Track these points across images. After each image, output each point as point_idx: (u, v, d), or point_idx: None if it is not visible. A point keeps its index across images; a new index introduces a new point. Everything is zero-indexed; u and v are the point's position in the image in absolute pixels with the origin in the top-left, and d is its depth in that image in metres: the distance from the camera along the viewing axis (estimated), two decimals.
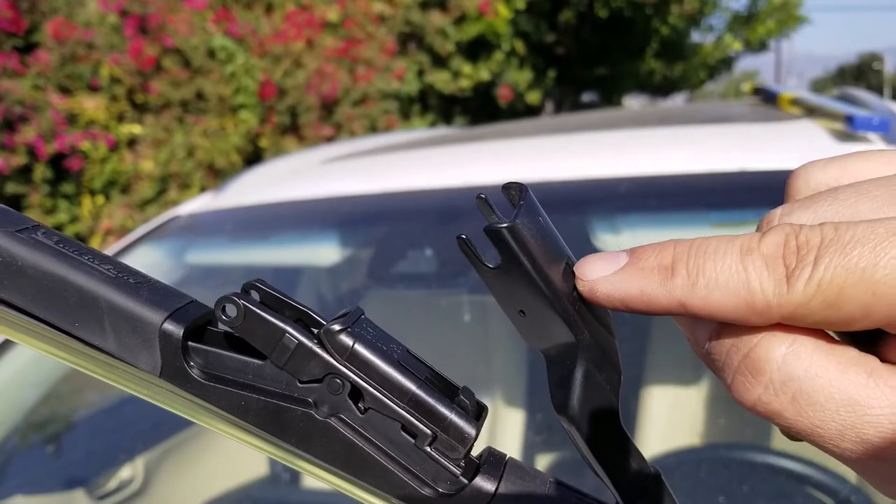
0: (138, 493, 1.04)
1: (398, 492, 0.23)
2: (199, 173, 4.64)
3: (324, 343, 0.22)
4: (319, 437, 0.23)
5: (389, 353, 0.23)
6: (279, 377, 0.23)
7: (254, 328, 0.23)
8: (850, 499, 0.76)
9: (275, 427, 0.23)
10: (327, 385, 0.22)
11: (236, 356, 0.23)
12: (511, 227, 0.23)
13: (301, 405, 0.23)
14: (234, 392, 0.23)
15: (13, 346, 1.11)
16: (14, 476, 1.04)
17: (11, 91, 4.17)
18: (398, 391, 0.22)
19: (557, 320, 0.24)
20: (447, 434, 0.23)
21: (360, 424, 0.23)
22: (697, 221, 1.01)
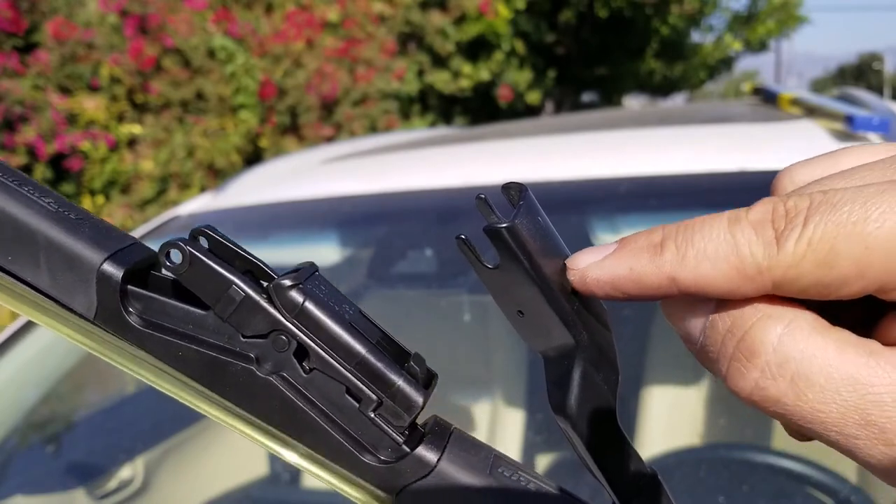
0: (138, 493, 1.04)
1: (337, 456, 0.22)
2: (199, 173, 4.64)
3: (272, 298, 0.21)
4: (259, 395, 0.22)
5: (341, 314, 0.22)
6: (222, 329, 0.22)
7: (198, 277, 0.21)
8: (850, 499, 0.76)
9: (213, 381, 0.22)
10: (272, 342, 0.22)
11: (178, 304, 0.22)
12: (510, 228, 0.23)
13: (242, 360, 0.22)
14: (173, 341, 0.22)
15: (13, 346, 1.11)
16: (14, 476, 1.04)
17: (11, 91, 4.17)
18: (346, 353, 0.22)
19: (555, 320, 0.25)
20: (393, 401, 0.22)
21: (303, 384, 0.22)
22: None
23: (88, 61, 4.47)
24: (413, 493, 0.21)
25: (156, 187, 4.63)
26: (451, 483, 0.22)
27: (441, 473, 0.22)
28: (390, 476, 0.22)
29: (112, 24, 4.54)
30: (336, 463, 0.22)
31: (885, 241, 0.18)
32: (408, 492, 0.22)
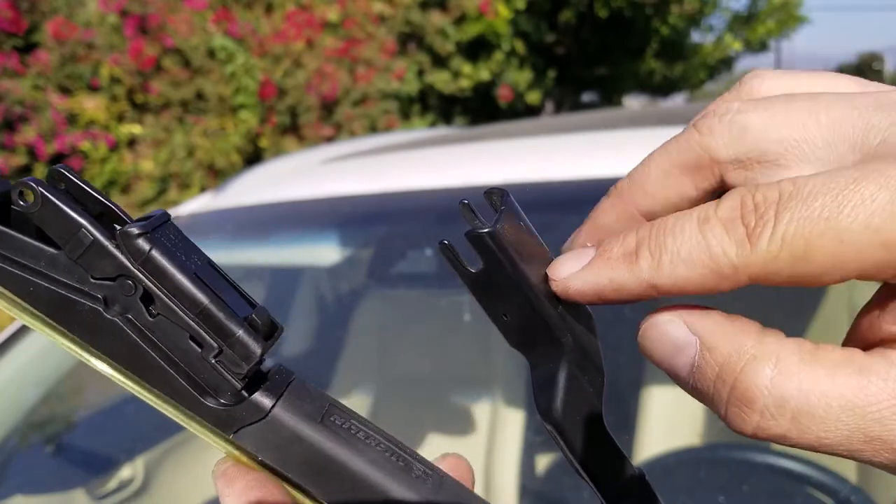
0: (138, 493, 1.04)
1: (179, 397, 0.23)
2: (199, 173, 4.65)
3: (120, 245, 0.22)
4: (106, 335, 0.23)
5: (187, 265, 0.23)
6: (72, 270, 0.22)
7: (50, 218, 0.22)
8: (850, 499, 0.76)
9: (63, 318, 0.23)
10: (119, 285, 0.22)
11: (31, 242, 0.23)
12: (491, 232, 0.24)
13: (90, 300, 0.22)
14: (25, 277, 0.23)
15: (13, 346, 1.11)
16: (14, 476, 1.04)
17: (11, 91, 4.17)
18: (189, 302, 0.22)
19: (540, 324, 0.25)
20: (232, 350, 0.23)
21: (149, 328, 0.23)
22: None
23: (88, 61, 4.47)
24: (247, 435, 0.23)
25: (156, 187, 4.63)
26: (281, 428, 0.23)
27: (274, 419, 0.23)
28: (228, 418, 0.23)
29: (112, 24, 4.54)
30: (178, 403, 0.23)
31: (860, 235, 0.18)
32: (243, 433, 0.23)
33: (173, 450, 1.13)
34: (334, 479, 0.23)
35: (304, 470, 0.23)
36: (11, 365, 1.10)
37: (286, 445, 0.23)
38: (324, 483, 0.23)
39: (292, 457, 0.23)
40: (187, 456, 1.14)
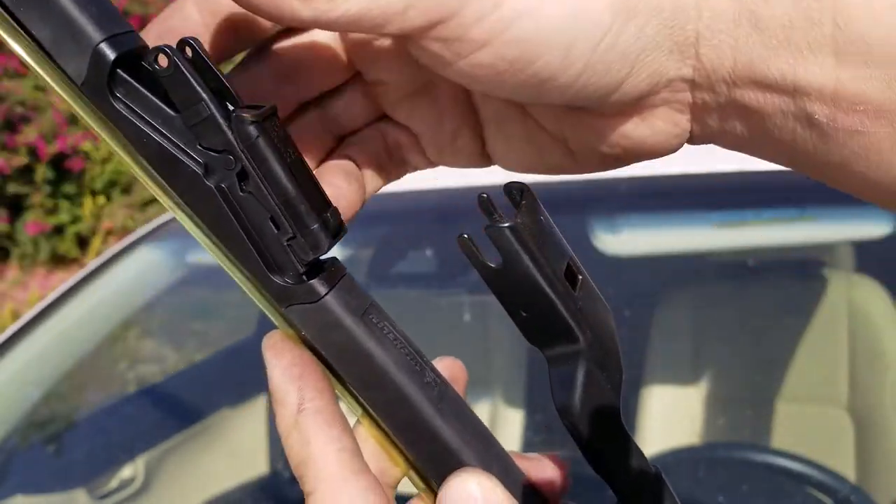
0: (139, 492, 1.04)
1: (249, 266, 0.26)
2: None
3: (232, 125, 0.24)
4: (200, 197, 0.25)
5: (284, 156, 0.25)
6: (184, 134, 0.25)
7: (176, 84, 0.24)
8: (849, 498, 0.76)
9: (165, 172, 0.25)
10: (222, 159, 0.24)
11: (154, 99, 0.25)
12: (513, 228, 0.24)
13: (193, 163, 0.25)
14: (141, 128, 0.25)
15: (13, 346, 1.11)
16: (14, 476, 1.04)
17: (13, 91, 4.18)
18: (278, 190, 0.24)
19: (559, 320, 0.25)
20: (304, 239, 0.25)
21: (238, 201, 0.25)
22: (697, 221, 1.01)
23: None
24: (297, 311, 0.26)
25: None
26: (327, 313, 0.25)
27: (323, 304, 0.25)
28: (285, 294, 0.26)
29: None
30: (247, 270, 0.26)
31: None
32: (294, 309, 0.26)
33: (173, 450, 1.13)
34: (360, 367, 0.26)
35: (336, 353, 0.26)
36: (11, 365, 1.10)
37: (328, 329, 0.25)
38: (351, 369, 0.26)
39: (330, 340, 0.26)
40: (187, 456, 1.14)
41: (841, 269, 1.02)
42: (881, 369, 0.88)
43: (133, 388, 1.32)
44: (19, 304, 4.14)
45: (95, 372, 1.28)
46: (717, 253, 1.08)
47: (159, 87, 0.25)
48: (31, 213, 4.50)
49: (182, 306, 1.38)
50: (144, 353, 1.37)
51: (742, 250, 1.04)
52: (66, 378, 1.18)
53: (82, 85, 0.25)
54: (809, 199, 0.95)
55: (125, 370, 1.31)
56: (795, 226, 0.97)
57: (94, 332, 1.22)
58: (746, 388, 1.00)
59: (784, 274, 1.07)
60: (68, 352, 1.18)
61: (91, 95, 0.25)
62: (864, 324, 0.91)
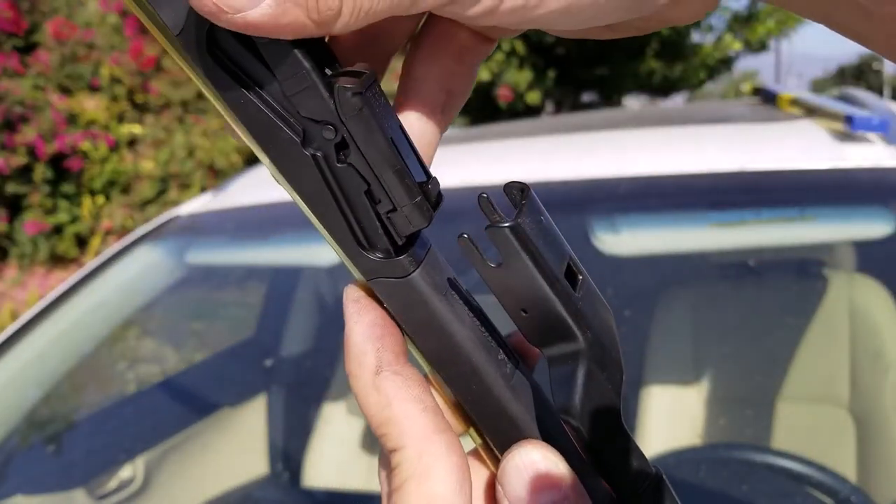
0: (138, 493, 1.04)
1: (339, 237, 0.25)
2: (199, 173, 4.64)
3: (334, 96, 0.23)
4: (297, 165, 0.24)
5: (386, 128, 0.24)
6: (284, 100, 0.24)
7: (278, 52, 0.23)
8: (849, 499, 0.76)
9: (264, 138, 0.24)
10: (321, 128, 0.24)
11: (255, 61, 0.24)
12: (514, 227, 0.24)
13: (292, 131, 0.24)
14: (239, 89, 0.24)
15: (13, 346, 1.11)
16: (14, 476, 1.04)
17: (12, 91, 4.17)
18: (379, 162, 0.24)
19: (560, 319, 0.25)
20: (405, 212, 0.25)
21: (335, 172, 0.24)
22: (697, 221, 1.01)
23: (89, 61, 4.48)
24: (383, 285, 0.25)
25: (156, 187, 4.63)
26: (412, 291, 0.25)
27: (409, 282, 0.25)
28: (373, 268, 0.25)
29: (112, 24, 4.54)
30: (337, 241, 0.25)
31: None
32: (380, 282, 0.25)
33: (173, 450, 1.13)
34: (438, 343, 0.26)
35: (417, 327, 0.26)
36: (11, 365, 1.10)
37: (411, 305, 0.26)
38: (429, 344, 0.26)
39: (413, 315, 0.26)
40: (187, 456, 1.14)
41: (841, 268, 1.02)
42: (882, 369, 0.88)
43: (132, 389, 1.32)
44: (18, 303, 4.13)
45: (95, 372, 1.28)
46: (717, 253, 1.08)
47: (253, 44, 0.23)
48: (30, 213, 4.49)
49: (182, 306, 1.38)
50: (144, 353, 1.37)
51: (742, 250, 1.04)
52: (65, 378, 1.18)
53: (178, 35, 0.23)
54: (809, 199, 0.95)
55: (125, 370, 1.31)
56: (795, 226, 0.97)
57: (94, 332, 1.22)
58: (747, 388, 1.00)
59: (784, 274, 1.07)
60: (67, 352, 1.18)
61: (187, 47, 0.24)
62: (864, 324, 0.91)
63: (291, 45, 0.23)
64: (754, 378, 1.00)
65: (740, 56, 11.06)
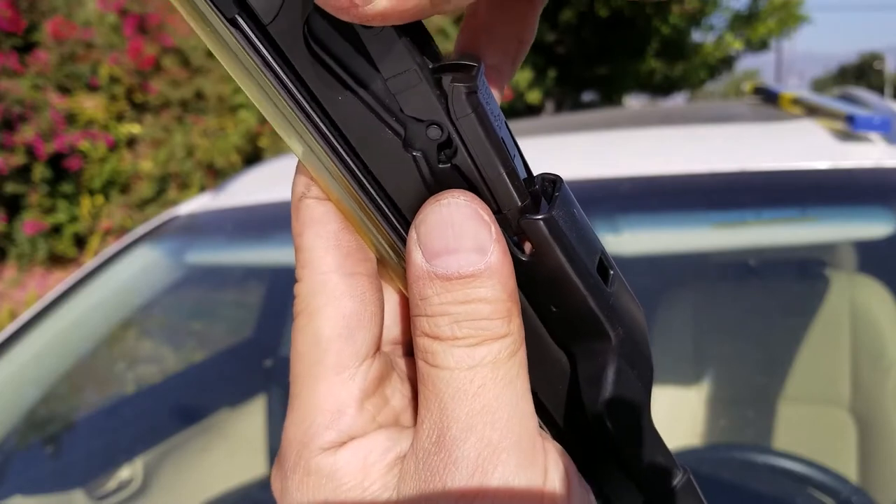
0: (138, 493, 1.04)
1: None
2: (198, 173, 4.64)
3: (446, 96, 0.21)
4: (394, 167, 0.22)
5: (495, 129, 0.22)
6: (386, 97, 0.22)
7: (385, 44, 0.21)
8: (850, 499, 0.76)
9: (358, 136, 0.22)
10: (426, 127, 0.22)
11: (357, 54, 0.21)
12: (548, 219, 0.23)
13: (393, 131, 0.22)
14: (337, 85, 0.21)
15: (13, 346, 1.11)
16: (14, 476, 1.04)
17: (10, 91, 4.17)
18: (487, 164, 0.22)
19: (593, 315, 0.24)
20: (507, 216, 0.23)
21: (434, 173, 0.22)
22: (697, 221, 1.01)
23: (87, 61, 4.47)
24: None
25: (155, 187, 4.63)
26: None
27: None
28: None
29: (111, 23, 4.54)
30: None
31: None
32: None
33: (173, 450, 1.13)
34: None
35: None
36: (10, 365, 1.10)
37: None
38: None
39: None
40: (187, 456, 1.13)
41: (843, 269, 1.02)
42: (883, 370, 0.88)
43: (132, 389, 1.32)
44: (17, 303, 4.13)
45: (94, 372, 1.27)
46: (717, 253, 1.08)
47: (357, 38, 0.21)
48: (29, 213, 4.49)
49: (181, 306, 1.38)
50: (143, 353, 1.37)
51: (743, 250, 1.04)
52: (64, 378, 1.18)
53: (269, 24, 0.21)
54: (811, 198, 0.95)
55: (124, 370, 1.31)
56: (796, 226, 0.96)
57: (93, 332, 1.22)
58: (748, 388, 1.00)
59: (785, 274, 1.07)
60: (66, 352, 1.17)
61: (278, 38, 0.21)
62: (866, 324, 0.91)
63: (399, 38, 0.21)
64: (755, 378, 1.00)
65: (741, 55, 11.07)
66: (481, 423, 0.21)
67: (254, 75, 0.21)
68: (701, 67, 10.30)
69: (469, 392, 0.21)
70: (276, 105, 0.22)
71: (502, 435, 0.21)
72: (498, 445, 0.21)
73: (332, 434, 0.23)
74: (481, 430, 0.21)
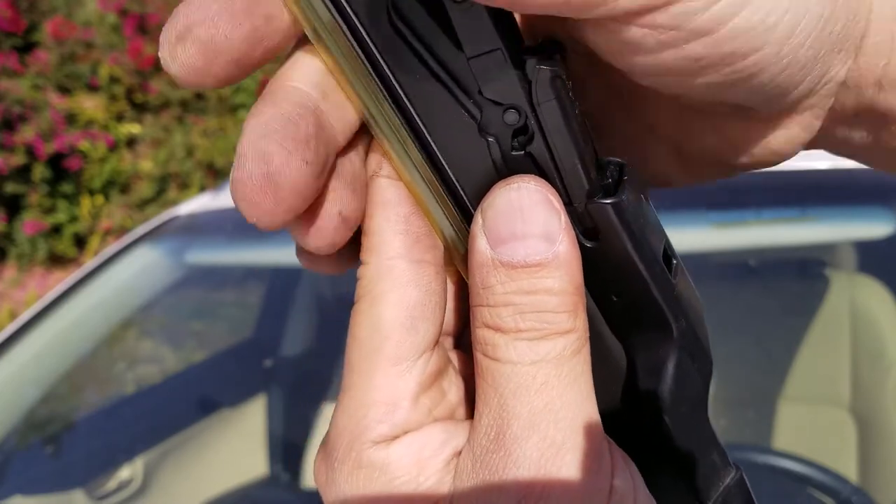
0: (138, 493, 1.04)
1: None
2: (198, 173, 4.64)
3: (530, 79, 0.21)
4: (465, 149, 0.22)
5: (572, 116, 0.22)
6: (466, 76, 0.21)
7: (473, 21, 0.20)
8: (850, 499, 0.76)
9: (431, 115, 0.21)
10: (504, 111, 0.21)
11: (441, 33, 0.20)
12: (616, 204, 0.22)
13: (469, 113, 0.21)
14: (416, 61, 0.20)
15: (13, 346, 1.10)
16: (14, 476, 1.04)
17: (10, 91, 4.17)
18: (565, 154, 0.21)
19: (656, 306, 0.23)
20: (576, 209, 0.22)
21: (507, 160, 0.22)
22: (697, 221, 1.01)
23: (87, 61, 4.47)
24: None
25: (155, 187, 4.62)
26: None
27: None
28: None
29: (111, 23, 4.54)
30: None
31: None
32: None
33: (173, 450, 1.13)
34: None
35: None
36: (10, 365, 1.10)
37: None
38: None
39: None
40: (187, 456, 1.13)
41: (842, 269, 1.02)
42: (883, 370, 0.88)
43: (132, 389, 1.32)
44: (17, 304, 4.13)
45: (94, 372, 1.27)
46: (717, 253, 1.08)
47: (440, 15, 0.20)
48: (29, 213, 4.49)
49: (181, 306, 1.38)
50: (143, 353, 1.37)
51: (743, 250, 1.04)
52: (64, 378, 1.18)
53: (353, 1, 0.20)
54: (811, 199, 0.95)
55: (124, 370, 1.31)
56: (796, 226, 0.96)
57: (93, 332, 1.22)
58: (748, 388, 1.00)
59: (785, 274, 1.07)
60: (66, 352, 1.17)
61: (362, 13, 0.20)
62: (866, 324, 0.91)
63: (489, 16, 0.20)
64: (755, 378, 1.00)
65: None
66: (544, 422, 0.20)
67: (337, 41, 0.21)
68: None
69: (532, 388, 0.21)
70: (355, 72, 0.21)
71: (566, 435, 0.21)
72: (562, 446, 0.20)
73: (385, 427, 0.22)
74: (544, 429, 0.20)
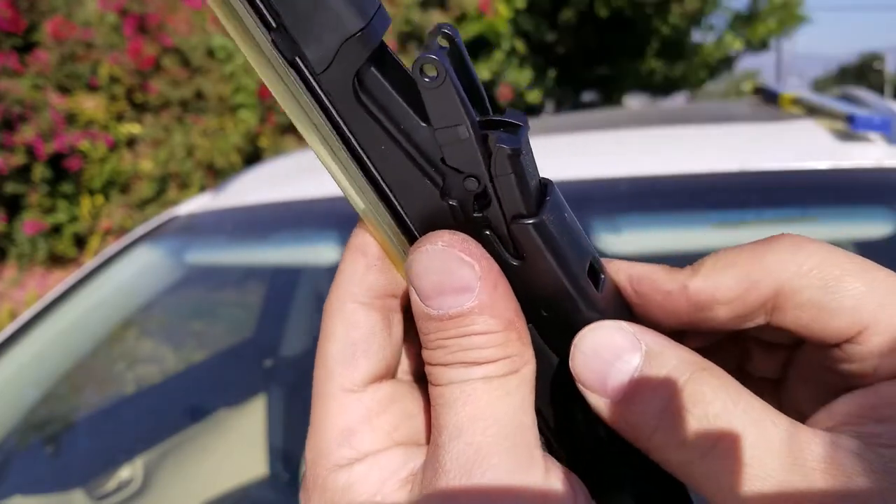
0: (138, 493, 1.04)
1: None
2: (198, 173, 4.64)
3: (491, 153, 0.22)
4: (428, 214, 0.23)
5: (530, 187, 0.23)
6: (429, 147, 0.22)
7: (440, 99, 0.21)
8: None
9: (398, 184, 0.23)
10: (464, 180, 0.22)
11: (403, 104, 0.22)
12: (538, 224, 0.23)
13: (432, 181, 0.23)
14: (381, 134, 0.22)
15: (13, 346, 1.10)
16: (14, 476, 1.04)
17: (10, 91, 4.17)
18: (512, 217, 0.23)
19: (582, 320, 0.24)
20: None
21: (469, 222, 0.23)
22: (697, 221, 1.01)
23: (87, 61, 4.47)
24: None
25: (155, 187, 4.63)
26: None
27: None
28: None
29: (111, 23, 4.54)
30: None
31: None
32: None
33: (173, 450, 1.13)
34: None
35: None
36: (9, 365, 1.10)
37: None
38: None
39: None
40: (187, 456, 1.13)
41: None
42: None
43: (131, 389, 1.32)
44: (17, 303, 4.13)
45: (94, 372, 1.27)
46: None
47: (408, 88, 0.22)
48: (29, 213, 4.49)
49: (181, 306, 1.38)
50: (143, 353, 1.37)
51: None
52: (64, 378, 1.18)
53: (320, 73, 0.21)
54: (811, 199, 0.95)
55: (124, 370, 1.31)
56: (796, 226, 0.96)
57: (93, 332, 1.22)
58: None
59: None
60: (66, 352, 1.17)
61: (330, 87, 0.21)
62: None
63: (457, 91, 0.21)
64: None
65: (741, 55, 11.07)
66: (470, 430, 0.22)
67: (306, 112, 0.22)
68: (701, 67, 10.29)
69: (459, 401, 0.22)
70: (326, 140, 0.23)
71: (494, 440, 0.22)
72: (488, 450, 0.22)
73: (345, 450, 0.24)
74: (469, 436, 0.22)
